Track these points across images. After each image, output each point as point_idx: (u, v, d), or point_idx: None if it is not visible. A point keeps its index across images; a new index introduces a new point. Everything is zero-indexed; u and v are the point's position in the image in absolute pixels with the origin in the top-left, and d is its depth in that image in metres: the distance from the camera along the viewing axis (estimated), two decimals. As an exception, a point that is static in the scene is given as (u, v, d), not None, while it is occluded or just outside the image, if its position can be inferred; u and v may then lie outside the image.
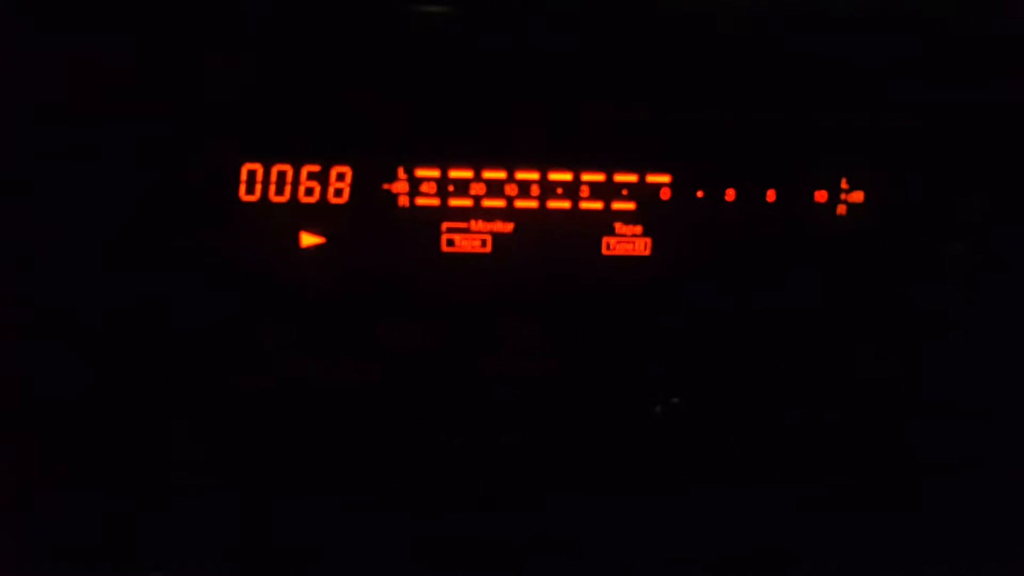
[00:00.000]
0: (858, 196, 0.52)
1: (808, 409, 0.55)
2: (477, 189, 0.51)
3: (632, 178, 0.51)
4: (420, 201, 0.51)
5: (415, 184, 0.51)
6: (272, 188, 0.50)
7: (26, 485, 0.53)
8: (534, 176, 0.51)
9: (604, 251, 0.52)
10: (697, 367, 0.54)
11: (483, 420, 0.54)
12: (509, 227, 0.52)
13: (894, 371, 0.55)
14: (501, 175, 0.51)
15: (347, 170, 0.51)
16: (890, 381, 0.55)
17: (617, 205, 0.52)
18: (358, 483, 0.55)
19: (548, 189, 0.52)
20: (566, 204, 0.52)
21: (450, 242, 0.52)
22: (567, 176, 0.51)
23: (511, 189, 0.51)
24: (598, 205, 0.52)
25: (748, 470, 0.55)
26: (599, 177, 0.51)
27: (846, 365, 0.55)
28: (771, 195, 0.52)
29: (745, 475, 0.55)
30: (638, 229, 0.52)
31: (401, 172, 0.51)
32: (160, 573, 0.53)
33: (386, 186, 0.51)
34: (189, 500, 0.54)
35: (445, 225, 0.52)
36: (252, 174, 0.50)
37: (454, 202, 0.51)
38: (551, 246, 0.52)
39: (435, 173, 0.51)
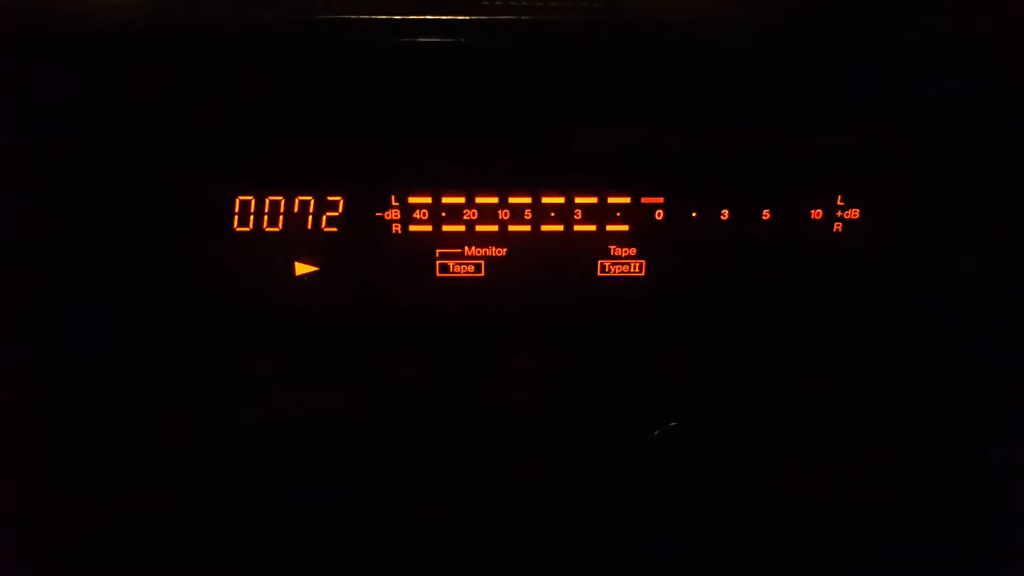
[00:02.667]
0: (854, 213, 0.52)
1: (811, 427, 0.54)
2: (470, 214, 0.51)
3: (625, 200, 0.51)
4: (413, 228, 0.51)
5: (408, 211, 0.51)
6: (265, 219, 0.51)
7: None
8: (526, 200, 0.51)
9: (599, 273, 0.52)
10: (696, 389, 0.53)
11: (479, 449, 0.53)
12: (502, 251, 0.52)
13: (897, 385, 0.54)
14: (493, 200, 0.51)
15: (339, 199, 0.51)
16: (893, 395, 0.54)
17: (611, 227, 0.52)
18: (352, 513, 0.55)
19: (541, 213, 0.51)
20: (559, 227, 0.51)
21: (444, 267, 0.52)
22: (560, 199, 0.51)
23: (504, 213, 0.51)
24: (592, 227, 0.52)
25: (750, 492, 0.55)
26: (592, 200, 0.51)
27: (847, 381, 0.54)
28: (766, 214, 0.51)
29: (748, 498, 0.55)
30: (632, 251, 0.52)
31: (393, 199, 0.51)
32: None
33: (378, 213, 0.51)
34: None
35: (439, 251, 0.52)
36: (245, 205, 0.50)
37: (447, 228, 0.51)
38: (545, 269, 0.52)
39: (427, 200, 0.51)
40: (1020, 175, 0.51)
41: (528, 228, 0.51)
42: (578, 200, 0.51)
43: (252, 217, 0.51)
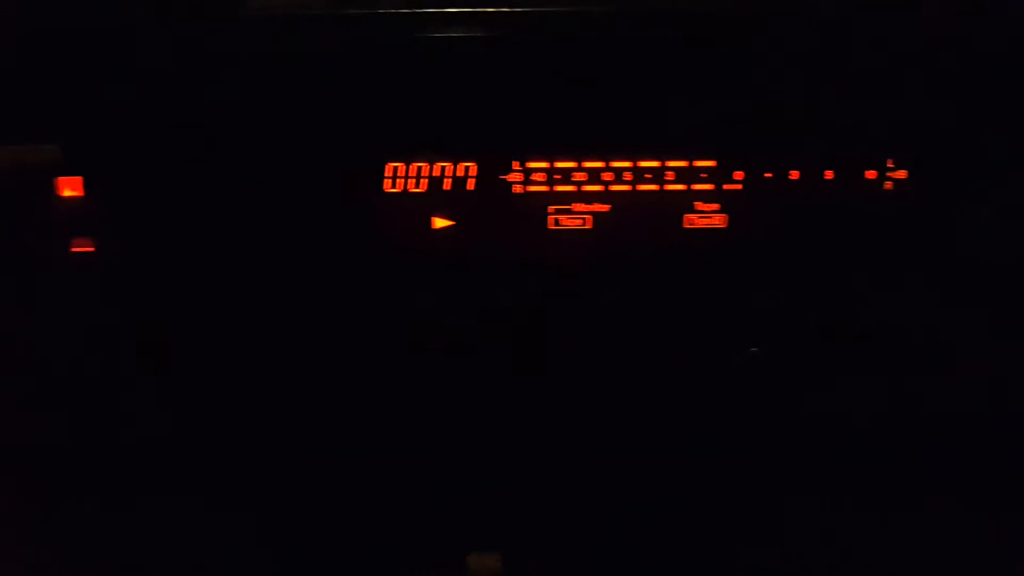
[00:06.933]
0: (902, 174, 0.61)
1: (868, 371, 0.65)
2: (579, 176, 0.61)
3: (710, 163, 0.61)
4: (531, 188, 0.62)
5: (527, 174, 0.61)
6: (411, 182, 0.61)
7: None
8: (627, 164, 0.61)
9: (685, 225, 0.62)
10: (769, 322, 0.64)
11: (584, 372, 0.65)
12: (606, 208, 0.62)
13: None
14: (599, 164, 0.61)
15: (472, 165, 0.61)
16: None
17: (696, 186, 0.62)
18: (474, 423, 0.66)
19: (638, 175, 0.61)
20: (654, 187, 0.62)
21: (556, 222, 0.62)
22: (655, 163, 0.61)
23: (607, 176, 0.61)
24: (681, 187, 0.62)
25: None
26: (682, 163, 0.61)
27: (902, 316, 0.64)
28: (829, 174, 0.61)
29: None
30: (716, 206, 0.62)
31: (516, 165, 0.61)
32: None
33: (503, 176, 0.61)
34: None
35: (551, 208, 0.62)
36: (395, 170, 0.61)
37: (559, 188, 0.62)
38: (641, 222, 0.62)
39: (544, 164, 0.61)
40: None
41: (628, 188, 0.62)
42: (669, 164, 0.61)
43: (400, 180, 0.61)
